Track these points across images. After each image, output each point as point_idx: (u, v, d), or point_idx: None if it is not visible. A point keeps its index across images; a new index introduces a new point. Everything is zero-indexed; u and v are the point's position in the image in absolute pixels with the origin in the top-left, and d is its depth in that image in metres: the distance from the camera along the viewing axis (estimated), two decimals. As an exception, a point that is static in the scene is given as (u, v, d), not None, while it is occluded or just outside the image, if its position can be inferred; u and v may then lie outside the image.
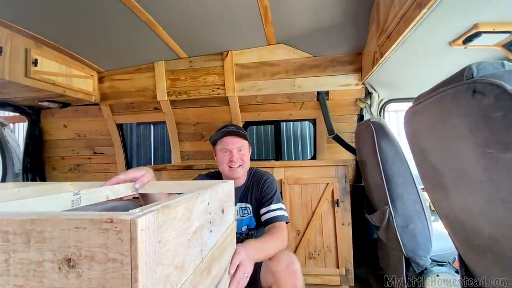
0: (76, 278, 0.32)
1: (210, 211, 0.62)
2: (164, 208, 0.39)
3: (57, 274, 0.32)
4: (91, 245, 0.31)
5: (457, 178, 0.67)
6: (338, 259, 1.71)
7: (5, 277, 0.33)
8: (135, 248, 0.31)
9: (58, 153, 2.61)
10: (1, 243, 0.34)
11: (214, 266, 0.61)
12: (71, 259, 0.32)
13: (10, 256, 0.33)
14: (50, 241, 0.32)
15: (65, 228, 0.32)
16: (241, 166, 1.31)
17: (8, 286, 0.33)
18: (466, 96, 0.53)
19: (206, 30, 1.79)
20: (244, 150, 1.34)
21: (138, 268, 0.31)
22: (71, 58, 2.01)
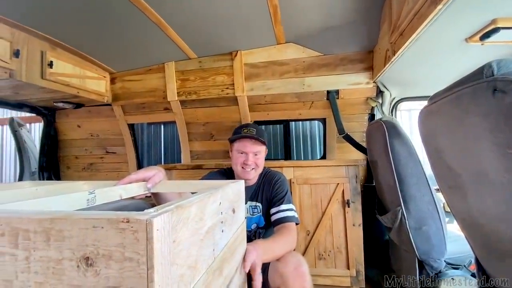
0: (94, 276, 0.32)
1: (222, 211, 0.62)
2: (178, 208, 0.39)
3: (76, 272, 0.33)
4: (108, 244, 0.32)
5: (475, 179, 0.64)
6: (348, 260, 1.69)
7: (26, 274, 0.34)
8: (151, 248, 0.31)
9: (72, 152, 2.68)
10: (22, 241, 0.35)
11: (225, 266, 0.62)
12: (89, 257, 0.32)
13: (31, 253, 0.34)
14: (68, 239, 0.33)
15: (83, 227, 0.33)
16: (254, 170, 1.32)
17: (29, 283, 0.34)
18: (485, 95, 0.51)
19: (215, 30, 1.80)
20: (259, 155, 1.35)
21: (154, 268, 0.31)
22: (84, 59, 2.06)
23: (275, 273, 1.09)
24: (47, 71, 1.75)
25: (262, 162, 1.37)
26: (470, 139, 0.60)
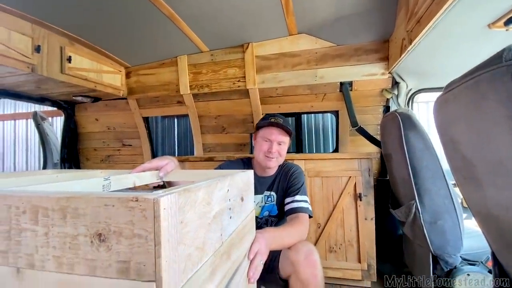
0: (106, 251, 0.34)
1: (230, 198, 0.63)
2: (186, 191, 0.41)
3: (90, 247, 0.35)
4: (119, 222, 0.34)
5: (491, 169, 0.62)
6: (360, 254, 1.67)
7: (45, 249, 0.37)
8: (158, 225, 0.33)
9: (91, 145, 2.79)
10: (41, 218, 0.37)
11: (233, 251, 0.63)
12: (102, 233, 0.34)
13: (50, 230, 0.37)
14: (83, 217, 0.35)
15: (96, 206, 0.35)
16: (276, 159, 1.33)
17: (48, 257, 0.37)
18: (505, 80, 0.49)
19: (226, 22, 1.80)
20: (283, 145, 1.36)
21: (161, 245, 0.33)
22: (100, 54, 2.13)
23: (286, 261, 1.10)
24: (66, 65, 1.83)
25: (285, 153, 1.37)
26: (487, 127, 0.58)
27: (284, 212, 1.29)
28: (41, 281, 0.37)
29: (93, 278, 0.35)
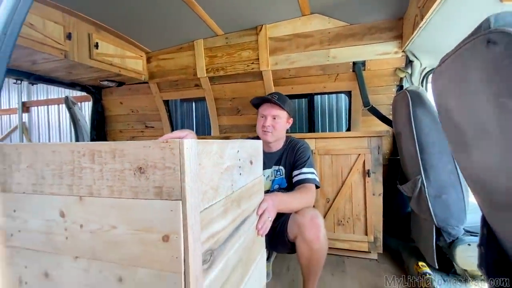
0: (145, 180, 0.46)
1: (240, 158, 0.74)
2: (202, 142, 0.52)
3: (133, 177, 0.47)
4: (154, 158, 0.46)
5: (477, 134, 0.68)
6: (367, 227, 1.76)
7: (101, 181, 0.50)
8: (183, 160, 0.44)
9: (117, 127, 3.01)
10: (97, 158, 0.50)
11: (243, 202, 0.75)
12: (142, 167, 0.47)
13: (103, 167, 0.50)
14: (128, 156, 0.48)
15: (137, 147, 0.47)
16: (271, 133, 1.41)
17: (103, 187, 0.50)
18: (481, 48, 0.54)
19: (240, 4, 1.85)
20: (278, 119, 1.43)
21: (185, 174, 0.44)
22: (123, 40, 2.27)
23: (293, 223, 1.22)
24: (94, 51, 1.98)
25: (281, 126, 1.43)
26: (471, 93, 0.63)
27: (293, 184, 1.39)
28: (98, 205, 0.51)
29: (136, 200, 0.47)
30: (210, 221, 0.54)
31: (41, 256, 0.57)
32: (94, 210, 0.51)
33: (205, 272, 0.51)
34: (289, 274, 1.70)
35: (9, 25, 0.61)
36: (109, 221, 0.49)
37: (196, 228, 0.47)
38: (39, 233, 0.56)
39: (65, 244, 0.54)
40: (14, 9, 0.62)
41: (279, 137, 1.46)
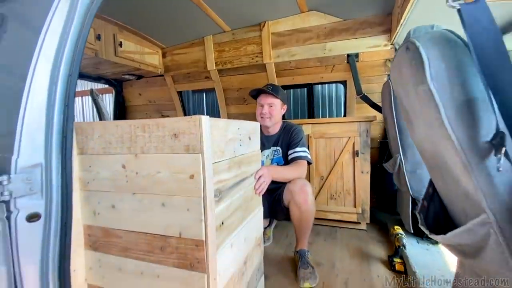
0: (178, 141, 0.75)
1: (240, 133, 1.02)
2: (213, 119, 0.79)
3: (170, 140, 0.76)
4: (184, 128, 0.73)
5: (413, 113, 0.92)
6: (355, 201, 2.02)
7: (149, 143, 0.79)
8: (201, 129, 0.72)
9: (136, 116, 3.34)
10: (147, 129, 0.79)
11: (243, 165, 1.03)
12: (176, 133, 0.75)
13: (151, 134, 0.78)
14: (167, 127, 0.76)
15: (172, 121, 0.75)
16: (269, 118, 1.67)
17: (151, 146, 0.79)
18: (404, 51, 0.78)
19: (245, 3, 2.07)
20: (274, 106, 1.69)
21: (203, 138, 0.72)
22: (142, 38, 2.55)
23: (286, 190, 1.50)
24: (118, 49, 2.28)
25: (277, 113, 1.69)
26: (405, 84, 0.87)
27: (288, 161, 1.66)
28: (148, 160, 0.80)
29: (173, 154, 0.76)
30: (218, 171, 0.82)
31: (109, 194, 0.87)
32: (145, 162, 0.80)
33: (216, 203, 0.80)
34: (287, 239, 2.00)
35: (73, 65, 0.88)
36: (155, 168, 0.79)
37: (209, 172, 0.76)
38: (107, 180, 0.87)
39: (125, 186, 0.84)
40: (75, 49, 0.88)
41: (276, 121, 1.72)
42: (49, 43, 0.86)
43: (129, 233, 0.85)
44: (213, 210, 0.78)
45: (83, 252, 0.94)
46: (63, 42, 0.89)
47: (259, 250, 1.24)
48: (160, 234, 0.80)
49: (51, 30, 0.87)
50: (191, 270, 0.77)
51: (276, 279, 1.49)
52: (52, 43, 0.86)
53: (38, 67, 0.83)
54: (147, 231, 0.82)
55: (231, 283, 0.92)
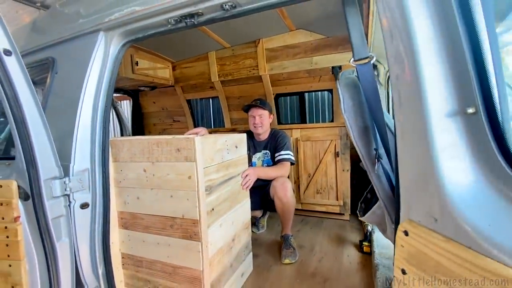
0: (180, 153, 1.11)
1: (227, 144, 1.37)
2: (204, 137, 1.15)
3: (175, 153, 1.12)
4: (184, 144, 1.10)
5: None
6: (337, 194, 2.34)
7: (161, 155, 1.16)
8: (195, 145, 1.08)
9: (151, 121, 3.78)
10: (160, 144, 1.16)
11: (230, 168, 1.39)
12: (179, 148, 1.11)
13: (163, 148, 1.15)
14: (173, 144, 1.13)
15: (177, 140, 1.11)
16: (260, 127, 2.03)
17: (162, 157, 1.16)
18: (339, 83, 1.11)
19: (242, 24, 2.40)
20: (263, 116, 2.04)
21: (196, 150, 1.08)
22: (155, 56, 2.94)
23: (271, 187, 1.85)
24: (135, 68, 2.68)
25: (266, 121, 2.05)
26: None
27: (275, 163, 2.00)
28: (160, 165, 1.17)
29: (176, 162, 1.13)
30: (209, 173, 1.19)
31: (135, 190, 1.25)
32: (159, 167, 1.18)
33: (207, 195, 1.17)
34: (278, 228, 2.35)
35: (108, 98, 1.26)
36: (166, 172, 1.16)
37: (201, 174, 1.12)
38: (133, 180, 1.25)
39: (146, 183, 1.22)
40: (109, 86, 1.27)
41: (266, 129, 2.07)
42: (91, 83, 1.25)
43: (149, 216, 1.24)
44: (205, 200, 1.15)
45: (117, 230, 1.33)
46: (100, 81, 1.29)
47: (246, 232, 1.60)
48: (170, 216, 1.18)
49: (93, 72, 1.26)
50: (191, 240, 1.14)
51: (264, 257, 1.85)
52: (92, 83, 1.26)
53: (84, 100, 1.23)
54: (161, 214, 1.20)
55: (221, 251, 1.29)
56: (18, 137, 1.01)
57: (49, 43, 1.46)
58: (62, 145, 1.18)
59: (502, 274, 0.34)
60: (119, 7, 1.24)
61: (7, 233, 1.06)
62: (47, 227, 1.07)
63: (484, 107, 0.40)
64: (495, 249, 0.36)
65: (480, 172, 0.41)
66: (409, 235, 0.49)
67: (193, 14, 1.11)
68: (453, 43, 0.42)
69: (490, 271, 0.35)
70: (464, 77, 0.41)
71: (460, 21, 0.41)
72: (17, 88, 0.98)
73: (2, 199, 1.05)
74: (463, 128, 0.42)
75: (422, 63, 0.44)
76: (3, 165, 1.14)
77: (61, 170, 1.10)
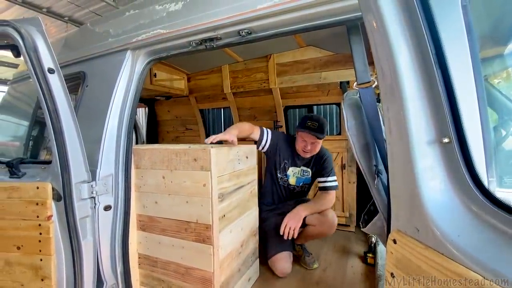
0: (196, 163, 1.22)
1: (239, 155, 1.48)
2: (219, 148, 1.26)
3: (192, 162, 1.23)
4: (200, 155, 1.21)
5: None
6: (343, 206, 2.39)
7: (180, 163, 1.27)
8: (210, 156, 1.19)
9: (165, 129, 3.94)
10: (178, 154, 1.27)
11: (240, 177, 1.48)
12: (196, 158, 1.22)
13: (180, 158, 1.27)
14: (190, 154, 1.24)
15: (194, 150, 1.23)
16: (309, 153, 1.86)
17: (180, 166, 1.27)
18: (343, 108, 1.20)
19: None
20: (317, 144, 1.83)
21: (211, 161, 1.19)
22: (172, 68, 3.12)
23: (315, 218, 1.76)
24: (153, 79, 2.85)
25: (318, 148, 1.86)
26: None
27: (318, 187, 1.92)
28: (178, 173, 1.28)
29: (193, 171, 1.23)
30: (221, 181, 1.29)
31: (153, 195, 1.37)
32: (176, 175, 1.29)
33: (220, 202, 1.26)
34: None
35: (133, 110, 1.40)
36: (183, 179, 1.27)
37: (215, 182, 1.22)
38: (153, 186, 1.36)
39: (164, 189, 1.33)
40: (134, 99, 1.41)
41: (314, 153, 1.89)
42: (118, 96, 1.39)
43: (165, 219, 1.34)
44: (217, 206, 1.25)
45: (135, 231, 1.44)
46: (126, 95, 1.42)
47: (254, 239, 1.68)
48: (185, 220, 1.28)
49: (120, 87, 1.40)
50: (203, 243, 1.24)
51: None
52: (119, 96, 1.39)
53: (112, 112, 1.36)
54: (177, 218, 1.30)
55: (230, 256, 1.37)
56: (56, 145, 1.14)
57: (81, 58, 1.61)
58: (90, 152, 1.31)
59: (463, 274, 0.42)
60: (145, 29, 1.38)
61: (40, 230, 1.18)
62: (75, 226, 1.19)
63: (456, 138, 0.49)
64: (461, 255, 0.44)
65: (453, 192, 0.49)
66: (397, 243, 0.58)
67: (213, 38, 1.24)
68: (431, 85, 0.51)
69: (455, 272, 0.43)
70: (440, 112, 0.51)
71: (436, 65, 0.50)
72: (58, 102, 1.12)
73: (38, 199, 1.18)
74: (440, 155, 0.51)
75: (408, 99, 0.53)
76: (39, 168, 1.27)
77: (89, 175, 1.22)
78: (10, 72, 5.04)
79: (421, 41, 0.52)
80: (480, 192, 0.46)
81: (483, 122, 0.56)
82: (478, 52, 0.64)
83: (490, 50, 1.18)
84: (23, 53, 1.07)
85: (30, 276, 1.20)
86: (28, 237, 1.18)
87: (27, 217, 1.18)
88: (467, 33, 0.60)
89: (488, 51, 1.14)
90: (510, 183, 0.64)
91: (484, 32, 0.99)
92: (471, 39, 0.60)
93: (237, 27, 1.15)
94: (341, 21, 1.05)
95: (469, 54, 0.59)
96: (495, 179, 0.59)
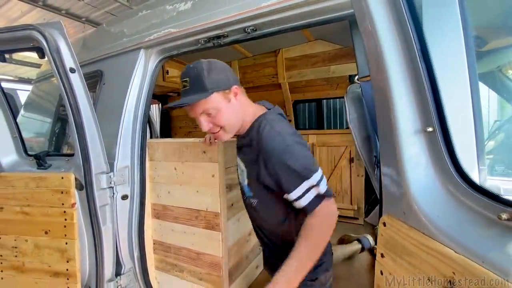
0: (205, 155, 1.29)
1: (246, 148, 1.54)
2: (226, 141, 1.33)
3: (202, 154, 1.31)
4: (209, 148, 1.28)
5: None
6: (352, 199, 2.41)
7: (190, 155, 1.35)
8: (218, 148, 1.26)
9: (178, 124, 4.07)
10: (188, 147, 1.35)
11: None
12: (204, 151, 1.30)
13: (191, 150, 1.34)
14: (199, 147, 1.31)
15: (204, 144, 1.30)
16: (219, 132, 0.91)
17: (190, 157, 1.35)
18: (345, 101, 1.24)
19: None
20: (212, 111, 1.09)
21: (219, 154, 1.26)
22: (182, 64, 3.21)
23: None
24: (166, 76, 2.95)
25: (223, 116, 0.93)
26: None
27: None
28: (189, 164, 1.36)
29: (202, 162, 1.31)
30: (229, 172, 1.36)
31: (166, 185, 1.46)
32: (187, 166, 1.37)
33: (228, 191, 1.34)
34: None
35: (146, 106, 1.48)
36: (193, 171, 1.35)
37: (223, 174, 1.29)
38: (166, 176, 1.45)
39: (176, 180, 1.42)
40: (147, 97, 1.49)
41: (237, 123, 0.96)
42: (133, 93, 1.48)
43: (177, 208, 1.43)
44: (225, 196, 1.32)
45: (150, 219, 1.55)
46: (141, 91, 1.51)
47: (262, 228, 1.75)
48: (196, 208, 1.36)
49: (134, 84, 1.48)
50: (213, 230, 1.32)
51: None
52: (134, 93, 1.48)
53: (127, 108, 1.45)
54: (188, 207, 1.39)
55: (238, 243, 1.45)
56: (78, 139, 1.24)
57: (98, 57, 1.71)
58: (108, 145, 1.41)
59: (438, 249, 0.46)
60: (157, 28, 1.46)
61: (65, 216, 1.30)
62: (96, 213, 1.29)
63: (440, 127, 0.53)
64: (439, 233, 0.48)
65: (435, 176, 0.53)
66: (386, 226, 0.62)
67: (220, 36, 1.29)
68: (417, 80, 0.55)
69: (432, 248, 0.47)
70: (425, 104, 0.54)
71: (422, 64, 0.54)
72: (79, 99, 1.21)
73: (63, 188, 1.29)
74: (424, 143, 0.55)
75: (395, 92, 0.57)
76: (63, 160, 1.38)
77: (108, 166, 1.32)
78: (33, 72, 5.31)
79: (407, 38, 0.56)
80: (460, 176, 0.50)
81: (475, 113, 0.59)
82: (473, 47, 0.66)
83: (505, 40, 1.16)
84: (47, 55, 1.17)
85: (56, 258, 1.32)
86: (54, 223, 1.30)
87: (53, 205, 1.30)
88: (462, 28, 0.63)
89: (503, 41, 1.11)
90: (501, 171, 0.67)
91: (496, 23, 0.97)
92: (466, 35, 0.63)
93: (243, 24, 1.20)
94: (344, 16, 1.08)
95: (463, 49, 0.62)
96: (486, 167, 0.62)
